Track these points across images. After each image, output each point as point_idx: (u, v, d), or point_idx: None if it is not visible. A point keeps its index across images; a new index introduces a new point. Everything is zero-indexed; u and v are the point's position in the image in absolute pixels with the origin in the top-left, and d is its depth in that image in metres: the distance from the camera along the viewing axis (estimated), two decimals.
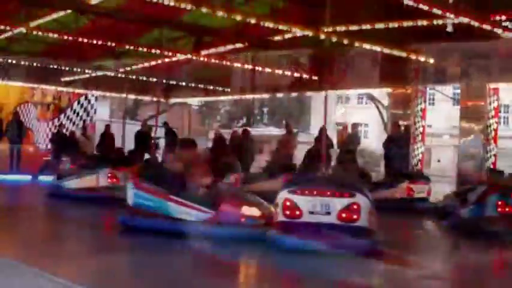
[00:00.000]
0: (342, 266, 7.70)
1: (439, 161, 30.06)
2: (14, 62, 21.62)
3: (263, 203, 9.76)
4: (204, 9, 13.99)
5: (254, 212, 9.44)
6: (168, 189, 9.88)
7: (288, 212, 8.60)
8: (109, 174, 14.80)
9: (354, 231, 8.32)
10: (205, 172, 10.23)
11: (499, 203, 11.31)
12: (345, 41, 15.73)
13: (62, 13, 15.88)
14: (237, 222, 9.33)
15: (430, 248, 10.67)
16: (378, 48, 16.56)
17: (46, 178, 18.75)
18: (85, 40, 17.78)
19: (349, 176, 12.62)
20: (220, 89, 25.82)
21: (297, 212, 8.55)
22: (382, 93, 38.51)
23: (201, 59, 19.47)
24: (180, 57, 19.97)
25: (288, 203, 8.61)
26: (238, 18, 14.73)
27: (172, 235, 9.09)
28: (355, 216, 8.41)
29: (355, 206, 8.42)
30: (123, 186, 13.27)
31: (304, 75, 21.14)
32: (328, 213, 8.44)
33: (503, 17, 14.25)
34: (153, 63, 22.01)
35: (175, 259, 8.22)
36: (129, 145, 23.19)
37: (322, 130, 21.03)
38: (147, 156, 20.73)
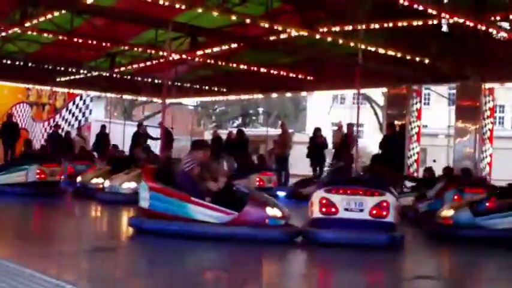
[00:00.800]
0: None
1: (434, 161, 30.06)
2: (8, 62, 21.55)
3: (280, 204, 9.91)
4: (199, 10, 13.99)
5: (277, 212, 9.41)
6: (186, 191, 9.67)
7: (324, 209, 9.40)
8: (38, 171, 15.68)
9: (384, 226, 9.30)
10: (220, 173, 10.04)
11: (455, 197, 12.24)
12: (340, 41, 15.72)
13: (56, 13, 15.84)
14: (261, 223, 9.29)
15: None
16: (372, 49, 16.54)
17: None
18: (80, 40, 17.75)
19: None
20: (216, 89, 25.84)
21: (333, 209, 9.36)
22: (377, 93, 38.59)
23: (196, 59, 19.46)
24: (176, 57, 19.98)
25: (324, 201, 9.41)
26: (234, 18, 14.73)
27: (193, 238, 9.07)
28: (384, 213, 9.30)
29: (384, 204, 9.30)
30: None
31: (300, 76, 21.17)
32: (362, 210, 9.29)
33: (498, 17, 14.26)
34: (148, 63, 22.04)
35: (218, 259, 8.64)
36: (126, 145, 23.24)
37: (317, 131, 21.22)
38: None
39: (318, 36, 15.86)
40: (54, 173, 16.17)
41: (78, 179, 16.75)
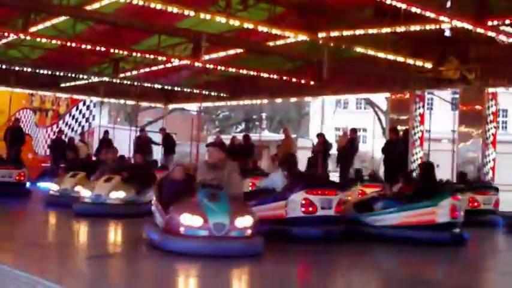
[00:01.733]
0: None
1: (438, 165, 29.97)
2: (12, 68, 21.58)
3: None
4: (202, 15, 14.01)
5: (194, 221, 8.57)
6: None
7: (304, 209, 10.61)
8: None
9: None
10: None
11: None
12: (343, 46, 15.73)
13: (60, 19, 15.88)
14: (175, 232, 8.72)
15: None
16: (375, 54, 16.57)
17: (45, 184, 18.81)
18: (83, 46, 17.77)
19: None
20: (219, 94, 25.85)
21: (311, 208, 10.64)
22: (380, 98, 38.55)
23: (200, 64, 19.47)
24: (179, 63, 20.02)
25: (304, 201, 10.61)
26: (237, 24, 14.74)
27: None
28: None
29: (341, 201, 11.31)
30: None
31: (302, 81, 21.16)
32: (330, 207, 10.78)
33: (500, 22, 14.25)
34: (152, 69, 22.08)
35: None
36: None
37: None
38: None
39: (320, 42, 15.87)
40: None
41: (52, 185, 16.16)
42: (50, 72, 22.47)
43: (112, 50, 18.70)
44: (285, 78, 21.08)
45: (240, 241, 8.57)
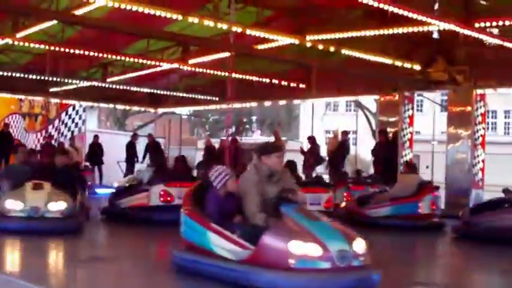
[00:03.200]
0: None
1: (427, 167, 30.08)
2: (0, 73, 21.52)
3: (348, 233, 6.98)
4: (190, 19, 14.00)
5: (311, 249, 6.54)
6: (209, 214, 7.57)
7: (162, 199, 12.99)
8: None
9: None
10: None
11: (345, 194, 16.68)
12: (331, 49, 15.74)
13: (48, 24, 15.85)
14: (282, 265, 6.55)
15: None
16: (363, 56, 16.59)
17: None
18: (72, 51, 17.73)
19: None
20: (209, 98, 25.82)
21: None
22: (369, 100, 38.64)
23: (188, 68, 19.47)
24: (167, 66, 20.02)
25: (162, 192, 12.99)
26: (225, 27, 14.74)
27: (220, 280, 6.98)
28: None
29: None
30: None
31: (292, 84, 21.18)
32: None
33: (488, 23, 14.31)
34: (140, 73, 22.05)
35: None
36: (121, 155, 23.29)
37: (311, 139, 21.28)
38: None
39: (309, 44, 15.89)
40: None
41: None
42: (38, 77, 22.42)
43: (100, 55, 18.67)
44: (274, 81, 21.09)
45: (359, 273, 6.69)
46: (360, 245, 6.70)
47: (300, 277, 6.36)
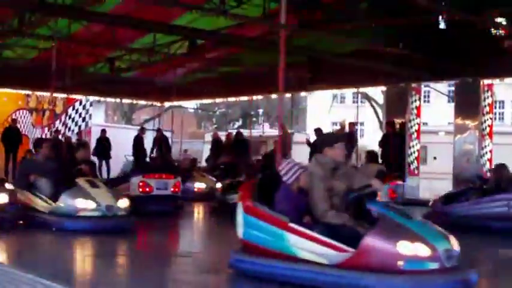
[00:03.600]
0: None
1: (435, 158, 30.05)
2: (7, 68, 21.57)
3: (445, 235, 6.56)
4: (197, 13, 14.01)
5: (418, 249, 6.19)
6: (284, 213, 6.82)
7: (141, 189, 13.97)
8: None
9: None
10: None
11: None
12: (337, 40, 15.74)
13: (54, 19, 15.87)
14: (390, 267, 6.15)
15: None
16: (371, 47, 16.59)
17: None
18: (78, 45, 17.76)
19: None
20: (216, 91, 25.84)
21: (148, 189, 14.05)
22: (377, 92, 38.60)
23: (195, 62, 19.50)
24: (175, 60, 20.05)
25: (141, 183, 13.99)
26: (231, 20, 14.76)
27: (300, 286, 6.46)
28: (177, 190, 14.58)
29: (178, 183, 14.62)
30: None
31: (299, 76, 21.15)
32: (166, 189, 14.29)
33: (495, 14, 14.27)
34: (148, 67, 22.07)
35: None
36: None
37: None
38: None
39: (315, 36, 15.89)
40: None
41: None
42: (45, 72, 22.42)
43: (107, 49, 18.71)
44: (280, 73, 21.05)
45: (463, 273, 6.36)
46: (456, 244, 6.40)
47: (409, 279, 6.01)
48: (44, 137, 25.57)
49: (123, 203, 11.21)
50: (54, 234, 10.47)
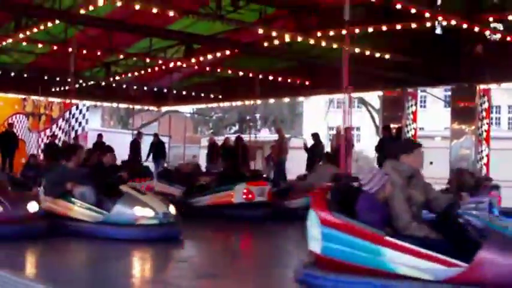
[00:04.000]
0: None
1: (431, 163, 30.03)
2: (4, 73, 21.55)
3: None
4: (193, 17, 14.01)
5: None
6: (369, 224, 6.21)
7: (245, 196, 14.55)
8: None
9: None
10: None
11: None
12: (335, 46, 15.72)
13: (51, 24, 15.85)
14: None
15: None
16: (367, 52, 16.58)
17: None
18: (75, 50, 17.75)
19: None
20: (212, 96, 25.84)
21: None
22: (373, 97, 38.59)
23: (192, 66, 19.50)
24: (171, 65, 20.03)
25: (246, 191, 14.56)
26: (228, 25, 14.76)
27: None
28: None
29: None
30: None
31: (296, 81, 21.18)
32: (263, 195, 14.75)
33: (491, 19, 14.30)
34: (144, 72, 22.05)
35: None
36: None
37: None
38: None
39: (312, 41, 15.88)
40: None
41: None
42: (42, 77, 22.43)
43: (104, 54, 18.70)
44: (278, 78, 21.09)
45: None
46: None
47: None
48: (38, 142, 25.56)
49: (173, 209, 11.01)
50: (104, 243, 10.18)
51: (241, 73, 20.92)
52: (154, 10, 13.21)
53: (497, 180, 17.16)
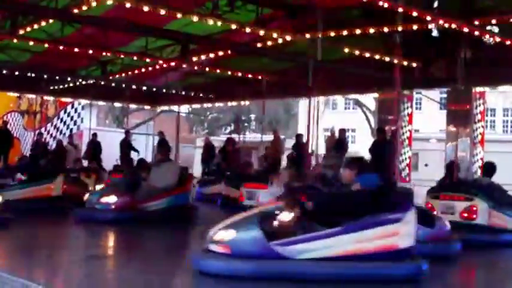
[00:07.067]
0: None
1: (426, 165, 30.08)
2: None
3: None
4: (189, 17, 14.00)
5: None
6: None
7: None
8: None
9: None
10: None
11: None
12: (330, 47, 15.74)
13: (47, 22, 15.82)
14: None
15: None
16: (365, 54, 16.60)
17: None
18: (71, 49, 17.72)
19: None
20: (208, 96, 25.82)
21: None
22: (369, 98, 38.67)
23: (187, 66, 19.48)
24: (167, 64, 20.01)
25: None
26: (224, 25, 14.75)
27: None
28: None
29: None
30: None
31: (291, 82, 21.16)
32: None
33: (486, 22, 14.33)
34: (139, 71, 22.02)
35: None
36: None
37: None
38: None
39: (308, 42, 15.88)
40: None
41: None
42: (37, 75, 22.36)
43: (99, 53, 18.67)
44: (274, 79, 21.09)
45: None
46: None
47: None
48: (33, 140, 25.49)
49: None
50: None
51: (239, 74, 20.91)
52: (146, 8, 13.19)
53: None
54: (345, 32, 15.61)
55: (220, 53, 18.40)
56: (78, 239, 11.59)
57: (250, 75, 20.98)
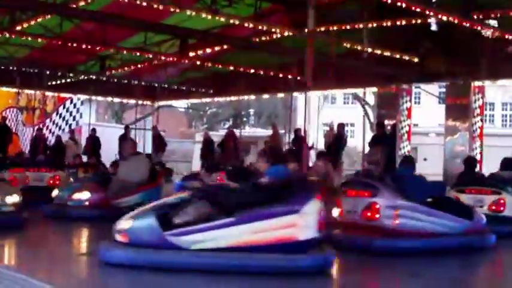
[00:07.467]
0: None
1: (425, 159, 30.08)
2: None
3: None
4: (188, 12, 13.99)
5: None
6: None
7: None
8: None
9: None
10: None
11: None
12: (330, 41, 15.74)
13: (46, 17, 15.82)
14: None
15: None
16: (359, 48, 16.59)
17: None
18: (70, 44, 17.70)
19: None
20: (207, 90, 25.80)
21: None
22: (368, 93, 38.63)
23: (186, 61, 19.47)
24: (166, 59, 20.01)
25: None
26: (223, 20, 14.74)
27: None
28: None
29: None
30: None
31: (290, 76, 21.14)
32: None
33: (485, 16, 14.34)
34: (138, 66, 22.03)
35: None
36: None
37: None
38: None
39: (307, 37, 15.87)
40: None
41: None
42: (36, 71, 22.35)
43: (98, 48, 18.66)
44: (271, 73, 21.07)
45: None
46: None
47: None
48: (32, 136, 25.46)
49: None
50: None
51: (241, 68, 20.88)
52: (150, 4, 13.20)
53: None
54: (343, 27, 15.60)
55: (217, 48, 18.41)
56: None
57: (249, 70, 20.92)
